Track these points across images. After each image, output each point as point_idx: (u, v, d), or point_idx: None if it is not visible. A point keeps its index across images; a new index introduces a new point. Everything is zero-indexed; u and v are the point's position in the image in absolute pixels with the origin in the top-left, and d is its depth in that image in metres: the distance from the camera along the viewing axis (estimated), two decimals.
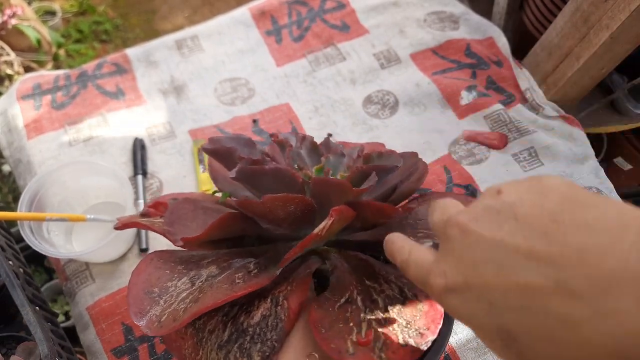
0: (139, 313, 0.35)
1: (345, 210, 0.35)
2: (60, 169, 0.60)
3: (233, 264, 0.39)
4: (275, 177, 0.37)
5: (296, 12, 0.86)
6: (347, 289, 0.38)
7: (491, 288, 0.23)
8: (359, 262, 0.41)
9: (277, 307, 0.36)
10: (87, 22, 1.86)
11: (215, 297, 0.34)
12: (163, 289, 0.37)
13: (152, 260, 0.40)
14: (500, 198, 0.25)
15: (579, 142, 0.70)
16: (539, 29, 0.78)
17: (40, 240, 0.56)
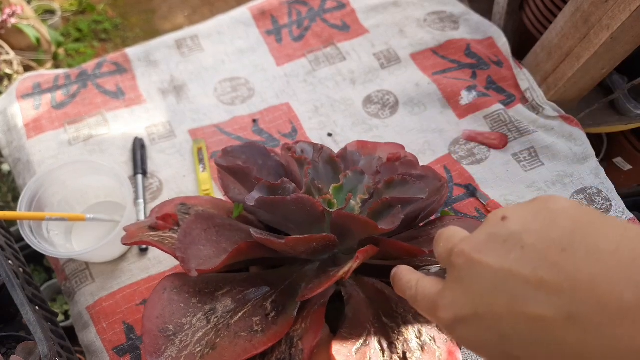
0: (154, 353, 0.34)
1: (371, 250, 0.34)
2: (59, 168, 0.60)
3: (248, 295, 0.38)
4: (296, 206, 0.36)
5: (296, 11, 0.86)
6: (364, 328, 0.36)
7: (501, 319, 0.22)
8: (376, 293, 0.40)
9: (292, 349, 0.35)
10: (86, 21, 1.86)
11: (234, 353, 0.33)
12: (178, 326, 0.36)
13: (165, 290, 0.38)
14: (505, 225, 0.24)
15: (579, 142, 0.70)
16: (539, 29, 0.78)
17: (40, 240, 0.56)
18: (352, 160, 0.45)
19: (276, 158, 0.44)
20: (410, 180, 0.39)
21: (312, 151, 0.45)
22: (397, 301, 0.39)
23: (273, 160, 0.44)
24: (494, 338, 0.23)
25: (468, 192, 0.66)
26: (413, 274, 0.31)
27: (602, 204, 0.65)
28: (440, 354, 0.34)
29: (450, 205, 0.65)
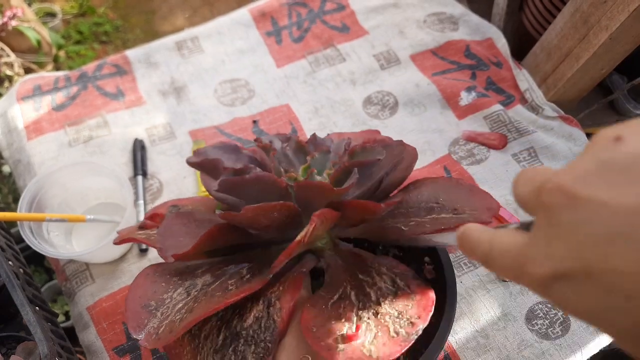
0: (137, 327, 0.36)
1: (327, 213, 0.35)
2: (59, 170, 0.60)
3: (227, 270, 0.39)
4: (258, 185, 0.37)
5: (296, 13, 0.86)
6: (340, 285, 0.38)
7: (629, 276, 0.17)
8: (352, 257, 0.41)
9: (270, 308, 0.37)
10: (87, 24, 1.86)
11: (207, 307, 0.34)
12: (159, 302, 0.37)
13: (148, 274, 0.40)
14: (621, 148, 0.18)
15: (578, 142, 0.70)
16: (539, 30, 0.78)
17: (40, 241, 0.56)
18: (323, 145, 0.46)
19: (248, 153, 0.46)
20: (369, 146, 0.41)
21: (279, 142, 0.47)
22: (372, 259, 0.40)
23: (245, 155, 0.46)
24: (617, 301, 0.17)
25: None
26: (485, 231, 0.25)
27: None
28: (414, 296, 0.35)
29: None
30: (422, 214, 0.40)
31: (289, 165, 0.45)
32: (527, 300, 0.57)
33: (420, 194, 0.43)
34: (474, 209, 0.38)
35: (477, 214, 0.38)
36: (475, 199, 0.40)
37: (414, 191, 0.44)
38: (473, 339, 0.55)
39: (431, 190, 0.43)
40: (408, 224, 0.39)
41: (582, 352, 0.54)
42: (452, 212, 0.39)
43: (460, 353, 0.54)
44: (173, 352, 0.38)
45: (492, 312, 0.56)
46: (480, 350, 0.54)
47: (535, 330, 0.55)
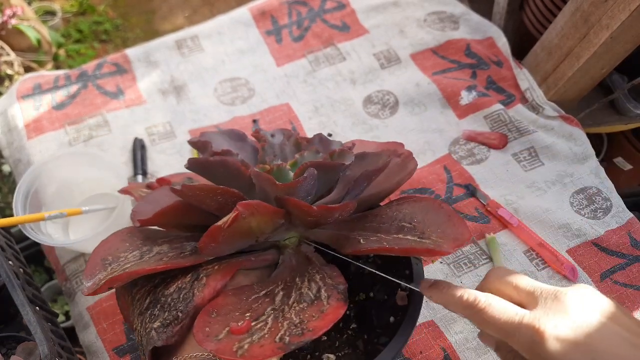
0: (88, 275, 0.39)
1: (257, 205, 0.34)
2: (54, 160, 0.60)
3: (185, 245, 0.41)
4: (223, 169, 0.38)
5: (296, 12, 0.86)
6: (275, 283, 0.38)
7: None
8: (305, 260, 0.41)
9: (195, 282, 0.37)
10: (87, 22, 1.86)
11: (130, 271, 0.36)
12: (115, 258, 0.40)
13: (122, 234, 0.43)
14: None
15: (579, 142, 0.70)
16: (539, 29, 0.78)
17: (37, 232, 0.57)
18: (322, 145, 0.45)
19: (252, 142, 0.46)
20: (346, 151, 0.40)
21: (282, 136, 0.47)
22: (319, 266, 0.40)
23: (250, 144, 0.46)
24: None
25: (468, 192, 0.66)
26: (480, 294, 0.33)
27: (602, 203, 0.65)
28: (325, 309, 0.34)
29: (450, 205, 0.65)
30: (392, 231, 0.39)
31: (283, 158, 0.45)
32: None
33: (399, 211, 0.42)
34: (441, 237, 0.37)
35: (441, 242, 0.36)
36: (447, 226, 0.38)
37: (395, 207, 0.43)
38: (473, 339, 0.55)
39: (411, 209, 0.42)
40: (369, 238, 0.39)
41: None
42: (418, 235, 0.38)
43: (460, 353, 0.54)
44: (123, 310, 0.42)
45: None
46: (480, 350, 0.54)
47: None
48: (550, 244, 0.61)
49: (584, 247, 0.61)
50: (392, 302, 0.44)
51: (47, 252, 0.66)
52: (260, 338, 0.32)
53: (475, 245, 0.62)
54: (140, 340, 0.37)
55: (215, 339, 0.32)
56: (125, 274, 0.36)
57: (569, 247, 0.61)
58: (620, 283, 0.58)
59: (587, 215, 0.64)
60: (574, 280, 0.58)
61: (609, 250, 0.61)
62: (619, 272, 0.59)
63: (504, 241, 0.62)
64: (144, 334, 0.36)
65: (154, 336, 0.35)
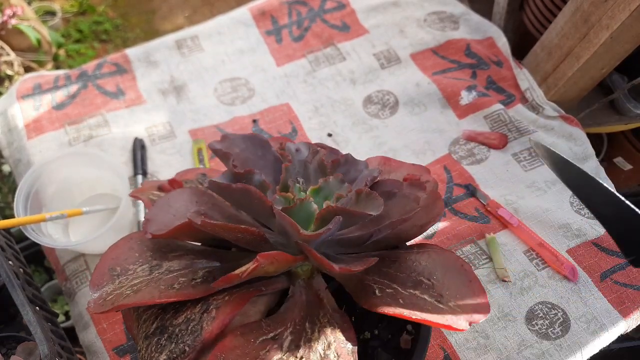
0: (96, 286, 0.38)
1: (277, 256, 0.34)
2: (55, 160, 0.60)
3: (196, 264, 0.39)
4: (244, 196, 0.37)
5: (296, 12, 0.86)
6: (284, 324, 0.37)
7: None
8: (315, 299, 0.39)
9: (204, 314, 0.36)
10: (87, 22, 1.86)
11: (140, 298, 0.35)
12: (124, 270, 0.39)
13: (130, 239, 0.41)
14: None
15: (579, 142, 0.70)
16: (539, 29, 0.78)
17: (38, 234, 0.57)
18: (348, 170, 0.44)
19: (275, 153, 0.44)
20: (375, 195, 0.38)
21: (307, 152, 0.45)
22: (330, 312, 0.38)
23: (272, 153, 0.44)
24: None
25: (468, 192, 0.66)
26: None
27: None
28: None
29: (450, 205, 0.65)
30: (408, 285, 0.38)
31: (306, 178, 0.43)
32: (527, 301, 0.57)
33: (419, 262, 0.40)
34: (459, 305, 0.35)
35: (459, 312, 0.35)
36: (467, 293, 0.36)
37: (415, 256, 0.41)
38: (473, 339, 0.55)
39: (432, 262, 0.40)
40: (384, 290, 0.37)
41: (582, 352, 0.54)
42: (436, 297, 0.36)
43: (460, 353, 0.54)
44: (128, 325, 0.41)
45: (492, 312, 0.56)
46: (480, 350, 0.54)
47: (535, 331, 0.55)
48: (550, 244, 0.61)
49: (584, 247, 0.61)
50: (396, 343, 0.43)
51: (47, 252, 0.66)
52: None
53: (475, 245, 0.62)
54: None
55: None
56: (133, 303, 0.35)
57: (569, 247, 0.61)
58: (620, 283, 0.58)
59: (587, 215, 0.64)
60: (574, 280, 0.58)
61: (609, 250, 0.61)
62: (619, 272, 0.59)
63: (504, 241, 0.62)
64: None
65: None
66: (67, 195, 0.64)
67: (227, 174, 0.38)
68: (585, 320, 0.56)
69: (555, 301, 0.57)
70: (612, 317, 0.56)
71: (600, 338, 0.55)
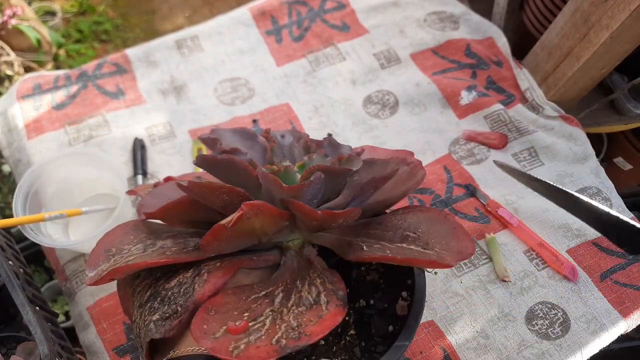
0: (92, 266, 0.39)
1: (262, 206, 0.34)
2: (54, 160, 0.60)
3: (189, 241, 0.41)
4: (230, 167, 0.38)
5: (296, 12, 0.86)
6: (275, 284, 0.38)
7: None
8: (306, 263, 0.41)
9: (196, 277, 0.37)
10: (87, 22, 1.86)
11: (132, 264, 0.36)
12: (119, 250, 0.40)
13: (127, 226, 0.43)
14: None
15: (579, 142, 0.70)
16: (539, 29, 0.78)
17: (37, 233, 0.57)
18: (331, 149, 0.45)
19: (262, 142, 0.46)
20: (355, 157, 0.40)
21: (292, 137, 0.47)
22: (320, 269, 0.39)
23: (260, 144, 0.46)
24: None
25: (468, 192, 0.66)
26: None
27: (602, 203, 0.65)
28: (323, 314, 0.34)
29: (450, 205, 0.65)
30: (395, 240, 0.39)
31: (291, 160, 0.45)
32: (527, 301, 0.57)
33: (405, 220, 0.42)
34: (444, 249, 0.37)
35: (444, 254, 0.36)
36: (452, 239, 0.38)
37: (400, 216, 0.43)
38: (473, 339, 0.55)
39: (416, 219, 0.42)
40: (372, 246, 0.38)
41: (582, 352, 0.54)
42: (422, 245, 0.38)
43: (460, 353, 0.54)
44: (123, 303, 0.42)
45: (492, 312, 0.56)
46: (480, 350, 0.54)
47: (535, 331, 0.55)
48: (550, 244, 0.61)
49: (584, 247, 0.61)
50: (392, 311, 0.44)
51: (47, 252, 0.66)
52: (257, 339, 0.32)
53: (475, 245, 0.62)
54: (138, 332, 0.37)
55: (212, 337, 0.32)
56: (127, 266, 0.36)
57: (569, 247, 0.61)
58: (620, 283, 0.58)
59: None
60: (574, 280, 0.58)
61: (609, 250, 0.61)
62: (619, 272, 0.59)
63: (504, 241, 0.62)
64: (142, 326, 0.37)
65: (152, 328, 0.35)
66: (67, 195, 0.64)
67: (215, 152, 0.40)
68: (585, 320, 0.56)
69: (555, 301, 0.57)
70: (612, 317, 0.56)
71: (600, 338, 0.55)
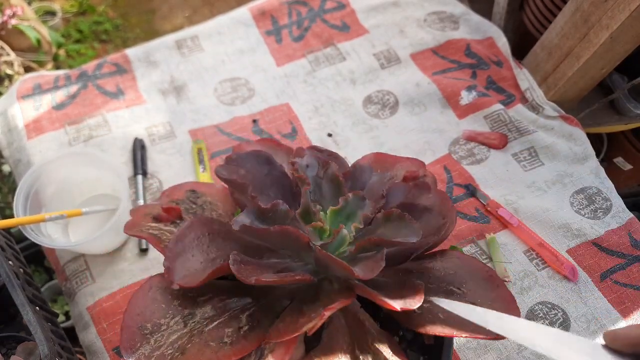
0: (129, 349, 0.35)
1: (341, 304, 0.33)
2: (55, 160, 0.60)
3: (228, 304, 0.38)
4: (281, 237, 0.36)
5: (296, 12, 0.86)
6: (335, 356, 0.36)
7: None
8: (355, 322, 0.39)
9: (260, 358, 0.35)
10: (87, 22, 1.86)
11: (197, 356, 0.34)
12: (155, 326, 0.36)
13: (150, 289, 0.39)
14: None
15: (579, 142, 0.70)
16: (539, 29, 0.78)
17: (37, 234, 0.57)
18: (360, 180, 0.43)
19: (281, 168, 0.43)
20: (407, 217, 0.37)
21: (317, 166, 0.43)
22: (374, 335, 0.38)
23: (278, 170, 0.43)
24: None
25: (468, 192, 0.66)
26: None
27: (602, 203, 0.65)
28: None
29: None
30: (440, 295, 0.37)
31: (320, 197, 0.42)
32: (527, 301, 0.57)
33: (444, 269, 0.40)
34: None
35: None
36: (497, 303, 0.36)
37: (439, 262, 0.41)
38: (473, 339, 0.55)
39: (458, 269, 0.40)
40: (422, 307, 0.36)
41: None
42: None
43: (460, 353, 0.54)
44: None
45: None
46: (480, 350, 0.54)
47: None
48: (550, 244, 0.61)
49: (584, 247, 0.61)
50: (421, 341, 0.43)
51: (47, 252, 0.66)
52: None
53: (475, 245, 0.62)
54: None
55: None
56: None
57: (569, 247, 0.61)
58: (621, 283, 0.58)
59: (587, 215, 0.64)
60: (574, 280, 0.58)
61: (609, 250, 0.61)
62: (619, 272, 0.59)
63: (504, 241, 0.62)
64: None
65: None
66: (67, 195, 0.64)
67: (252, 211, 0.37)
68: (585, 320, 0.56)
69: (555, 301, 0.57)
70: (612, 317, 0.56)
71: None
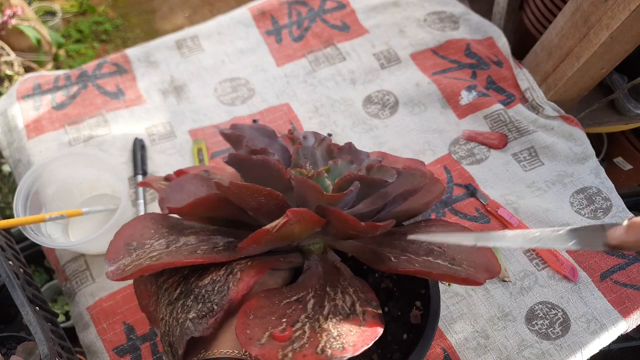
0: (112, 259, 0.38)
1: (305, 213, 0.34)
2: (55, 160, 0.60)
3: (212, 238, 0.40)
4: (263, 168, 0.38)
5: (296, 12, 0.86)
6: (305, 289, 0.38)
7: None
8: (332, 269, 0.41)
9: (229, 275, 0.37)
10: (87, 22, 1.86)
11: (165, 261, 0.36)
12: (140, 244, 0.40)
13: (145, 218, 0.42)
14: None
15: (579, 142, 0.70)
16: (539, 29, 0.78)
17: (37, 234, 0.57)
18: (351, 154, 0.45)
19: (282, 142, 0.46)
20: (384, 167, 0.40)
21: (314, 139, 0.46)
22: (349, 278, 0.39)
23: (278, 143, 0.46)
24: None
25: (468, 192, 0.66)
26: None
27: (602, 203, 0.65)
28: (363, 324, 0.34)
29: (450, 205, 0.65)
30: (420, 253, 0.39)
31: (313, 163, 0.45)
32: (527, 301, 0.57)
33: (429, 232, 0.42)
34: (471, 265, 0.37)
35: (472, 271, 0.36)
36: (478, 256, 0.38)
37: (424, 227, 0.43)
38: (473, 339, 0.55)
39: (440, 232, 0.42)
40: (399, 257, 0.38)
41: (582, 352, 0.54)
42: (449, 260, 0.38)
43: (460, 353, 0.54)
44: (142, 302, 0.41)
45: (492, 312, 0.56)
46: (480, 350, 0.54)
47: (535, 331, 0.55)
48: None
49: None
50: (406, 319, 0.44)
51: (47, 252, 0.66)
52: (301, 347, 0.32)
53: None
54: (167, 330, 0.37)
55: (258, 343, 0.32)
56: (161, 264, 0.36)
57: None
58: (621, 283, 0.58)
59: (587, 215, 0.64)
60: (574, 280, 0.58)
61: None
62: (619, 272, 0.59)
63: None
64: (174, 323, 0.36)
65: (190, 327, 0.35)
66: (67, 195, 0.64)
67: (243, 151, 0.39)
68: (585, 320, 0.56)
69: (555, 301, 0.57)
70: (612, 317, 0.56)
71: (600, 338, 0.55)
